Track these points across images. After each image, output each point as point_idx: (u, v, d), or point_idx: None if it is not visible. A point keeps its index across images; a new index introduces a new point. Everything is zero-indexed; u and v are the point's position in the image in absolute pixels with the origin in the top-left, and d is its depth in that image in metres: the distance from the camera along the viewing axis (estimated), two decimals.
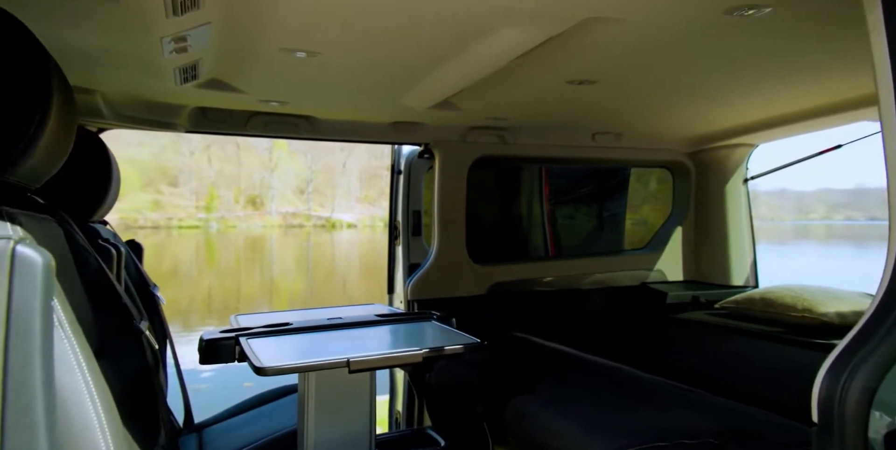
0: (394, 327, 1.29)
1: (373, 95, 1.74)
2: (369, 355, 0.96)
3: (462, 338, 1.16)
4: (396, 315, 1.41)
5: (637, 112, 1.99)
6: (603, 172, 2.87)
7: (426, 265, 2.28)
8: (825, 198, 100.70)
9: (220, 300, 14.77)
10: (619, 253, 2.72)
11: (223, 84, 1.53)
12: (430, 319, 1.38)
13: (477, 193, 2.71)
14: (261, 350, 1.01)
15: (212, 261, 27.64)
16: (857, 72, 1.45)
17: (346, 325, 1.25)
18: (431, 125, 2.24)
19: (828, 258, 22.22)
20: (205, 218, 58.40)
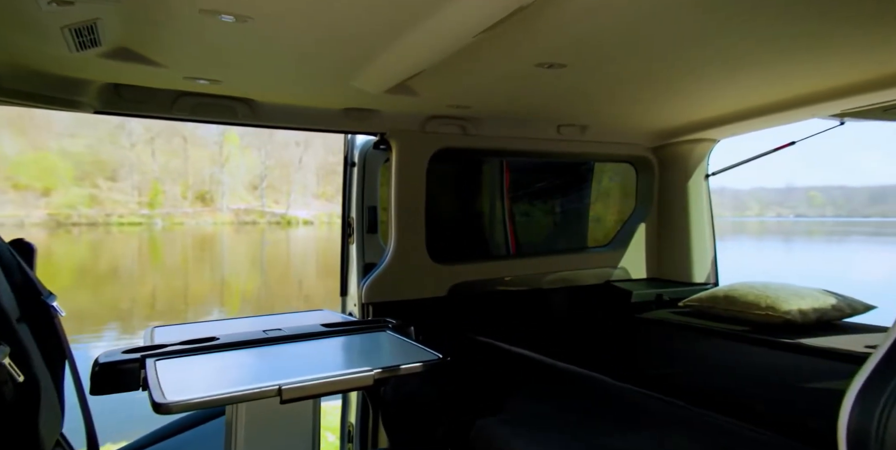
0: (342, 340, 1.12)
1: (320, 76, 1.54)
2: (307, 379, 0.79)
3: (421, 353, 1.00)
4: (346, 325, 1.23)
5: (605, 101, 1.90)
6: (566, 166, 2.79)
7: (382, 265, 2.11)
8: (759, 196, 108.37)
9: (166, 301, 13.95)
10: (582, 250, 2.66)
11: (136, 55, 1.28)
12: (384, 329, 1.21)
13: (437, 188, 2.56)
14: (170, 376, 0.81)
15: (157, 259, 26.13)
16: (818, 67, 1.45)
17: (285, 338, 1.07)
18: (388, 113, 2.06)
19: (761, 250, 23.82)
20: (149, 214, 54.98)
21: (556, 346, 1.78)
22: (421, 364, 0.93)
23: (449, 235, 2.59)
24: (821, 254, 24.70)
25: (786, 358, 1.46)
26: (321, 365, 0.93)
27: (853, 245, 30.32)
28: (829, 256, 23.25)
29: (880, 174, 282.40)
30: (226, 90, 1.68)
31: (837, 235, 40.28)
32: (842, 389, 1.15)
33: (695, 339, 1.78)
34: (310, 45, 1.26)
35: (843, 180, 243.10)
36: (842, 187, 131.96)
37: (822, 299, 1.81)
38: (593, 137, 2.40)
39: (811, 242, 32.61)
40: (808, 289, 1.89)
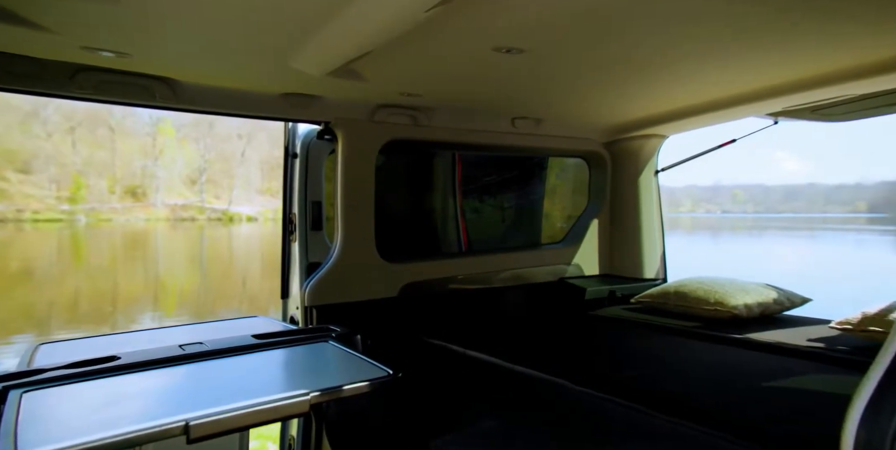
0: (276, 355, 0.96)
1: (253, 53, 1.36)
2: (224, 411, 0.64)
3: (368, 368, 0.88)
4: (281, 335, 1.08)
5: (561, 93, 1.85)
6: (520, 161, 2.74)
7: (328, 265, 1.95)
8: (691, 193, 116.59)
9: (92, 304, 12.81)
10: (536, 247, 2.62)
11: (15, 16, 1.05)
12: (327, 339, 1.07)
13: (386, 182, 2.43)
14: (40, 412, 0.63)
15: (79, 259, 23.99)
16: (760, 65, 1.48)
17: (205, 355, 0.90)
18: (333, 100, 1.89)
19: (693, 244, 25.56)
20: (70, 210, 49.94)
21: (512, 347, 1.71)
22: (367, 383, 0.80)
23: (399, 232, 2.47)
24: (743, 247, 26.88)
25: (739, 355, 1.48)
26: (246, 389, 0.78)
27: (769, 239, 33.30)
28: (750, 249, 25.35)
29: (792, 174, 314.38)
30: (138, 66, 1.45)
31: (757, 230, 44.07)
32: (799, 387, 1.19)
33: (651, 337, 1.78)
34: (237, 15, 1.09)
35: (761, 179, 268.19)
36: (760, 186, 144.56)
37: (765, 294, 1.87)
38: (548, 130, 2.36)
39: (735, 237, 35.43)
40: (752, 284, 1.94)
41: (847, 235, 36.17)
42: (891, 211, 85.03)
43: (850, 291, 8.91)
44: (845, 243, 29.65)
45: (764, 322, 1.82)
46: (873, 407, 0.49)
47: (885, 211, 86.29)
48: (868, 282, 12.75)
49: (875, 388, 0.50)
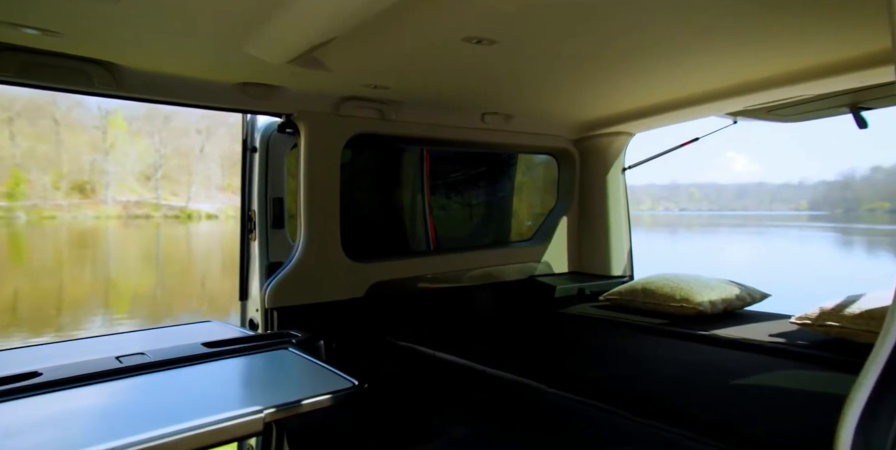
0: (229, 365, 0.88)
1: (204, 36, 1.25)
2: (162, 435, 0.55)
3: (331, 378, 0.81)
4: (235, 343, 0.99)
5: (532, 87, 1.82)
6: (489, 157, 2.71)
7: (290, 264, 1.86)
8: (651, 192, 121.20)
9: (34, 306, 11.96)
10: (506, 245, 2.60)
11: None
12: (286, 346, 0.99)
13: (352, 178, 2.35)
14: None
15: (19, 259, 22.38)
16: (730, 63, 1.50)
17: (146, 368, 0.80)
18: (294, 91, 1.79)
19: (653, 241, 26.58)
20: (7, 206, 46.41)
21: (482, 348, 1.67)
22: (330, 396, 0.73)
23: (366, 230, 2.39)
24: (699, 244, 28.15)
25: (708, 353, 1.50)
26: (191, 406, 0.69)
27: (723, 236, 35.10)
28: (705, 246, 26.58)
29: (743, 174, 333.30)
30: (70, 47, 1.31)
31: (711, 227, 46.33)
32: (769, 385, 1.21)
33: (621, 335, 1.78)
34: None
35: (715, 178, 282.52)
36: (714, 184, 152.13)
37: (728, 290, 1.91)
38: (517, 127, 2.33)
39: (691, 234, 37.10)
40: (715, 280, 1.99)
41: (791, 232, 38.57)
42: (828, 209, 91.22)
43: (794, 284, 9.47)
44: (790, 239, 31.57)
45: (727, 318, 1.86)
46: (870, 413, 0.48)
47: (824, 209, 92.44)
48: (811, 275, 13.69)
49: (870, 392, 0.48)
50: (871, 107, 2.01)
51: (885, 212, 79.85)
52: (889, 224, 49.54)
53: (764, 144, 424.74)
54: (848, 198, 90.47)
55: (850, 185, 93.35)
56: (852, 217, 73.27)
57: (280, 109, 1.84)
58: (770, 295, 2.00)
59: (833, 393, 1.12)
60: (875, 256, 22.15)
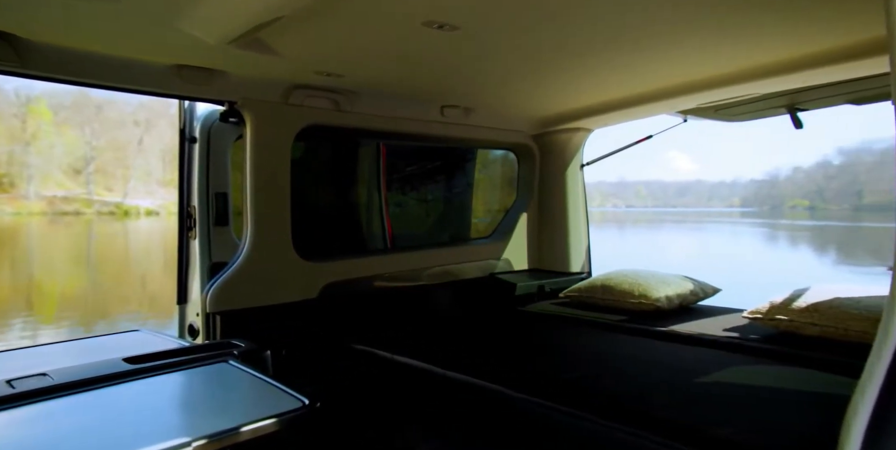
0: (154, 385, 0.75)
1: (129, 8, 1.10)
2: None
3: (277, 397, 0.71)
4: (164, 357, 0.86)
5: (492, 80, 1.78)
6: (448, 152, 2.65)
7: (236, 264, 1.71)
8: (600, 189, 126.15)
9: None
10: (465, 243, 2.55)
11: None
12: (227, 358, 0.88)
13: (304, 172, 2.21)
14: None
15: None
16: (686, 60, 1.53)
17: (47, 393, 0.67)
18: (239, 76, 1.65)
19: (604, 237, 27.66)
20: None
21: (444, 350, 1.61)
22: (275, 420, 0.63)
23: (319, 227, 2.26)
24: (645, 238, 29.66)
25: (667, 350, 1.52)
26: (99, 441, 0.57)
27: (665, 231, 37.22)
28: (650, 240, 28.03)
29: (684, 172, 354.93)
30: None
31: (656, 223, 48.97)
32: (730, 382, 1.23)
33: (584, 334, 1.78)
34: None
35: (660, 176, 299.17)
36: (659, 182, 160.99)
37: (683, 285, 1.96)
38: (477, 121, 2.28)
39: (637, 229, 39.02)
40: (671, 276, 2.03)
41: (725, 227, 41.45)
42: (757, 206, 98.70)
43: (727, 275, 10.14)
44: (724, 234, 33.91)
45: (683, 313, 1.90)
46: (876, 429, 0.45)
47: (754, 206, 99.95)
48: (743, 266, 14.82)
49: (873, 408, 0.46)
50: (806, 108, 2.12)
51: (804, 209, 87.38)
52: (808, 220, 54.37)
53: (702, 144, 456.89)
54: (774, 195, 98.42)
55: (776, 183, 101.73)
56: (777, 213, 79.76)
57: (222, 96, 1.68)
58: (721, 290, 2.07)
59: (790, 389, 1.15)
60: (796, 249, 24.26)
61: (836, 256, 21.36)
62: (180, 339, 1.41)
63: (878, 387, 0.49)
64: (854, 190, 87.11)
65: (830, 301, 1.41)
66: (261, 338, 1.72)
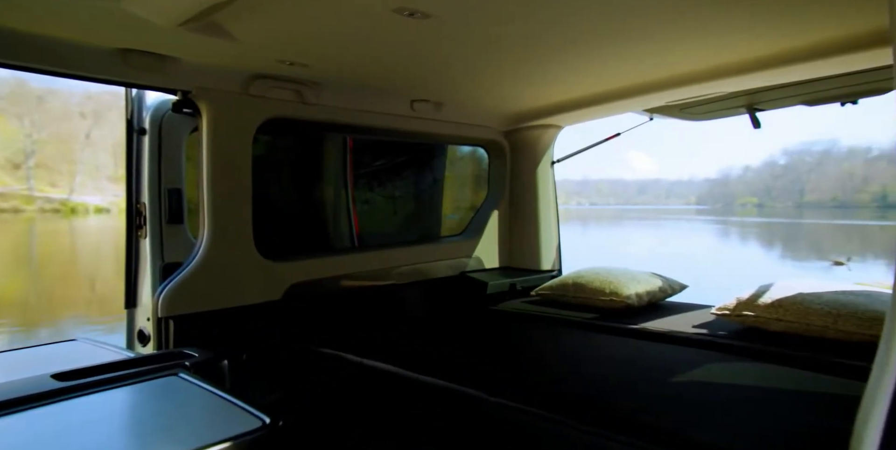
0: (88, 405, 0.66)
1: None
2: None
3: (235, 414, 0.64)
4: (103, 371, 0.76)
5: (463, 73, 1.73)
6: (418, 148, 2.59)
7: (192, 265, 1.60)
8: (565, 187, 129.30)
9: None
10: (436, 241, 2.50)
11: None
12: (177, 370, 0.79)
13: (266, 167, 2.11)
14: None
15: None
16: (655, 57, 1.54)
17: None
18: (192, 63, 1.53)
19: (568, 234, 28.34)
20: None
21: (415, 353, 1.56)
22: (230, 443, 0.56)
23: (283, 225, 2.16)
24: (608, 235, 30.64)
25: (640, 348, 1.52)
26: None
27: (627, 228, 38.63)
28: (613, 237, 28.98)
29: (643, 171, 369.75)
30: None
31: (618, 220, 50.68)
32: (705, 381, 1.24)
33: (557, 332, 1.76)
34: None
35: (621, 175, 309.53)
36: (620, 181, 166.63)
37: (652, 282, 1.98)
38: (448, 116, 2.23)
39: (600, 226, 40.26)
40: (641, 273, 2.05)
41: (682, 224, 43.41)
42: (711, 203, 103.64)
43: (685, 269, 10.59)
44: (682, 231, 35.50)
45: (653, 310, 1.93)
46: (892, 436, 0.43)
47: (708, 203, 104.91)
48: (700, 260, 15.57)
49: (887, 415, 0.44)
50: (763, 108, 2.20)
51: (753, 206, 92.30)
52: (757, 217, 57.61)
53: (661, 144, 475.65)
54: (726, 193, 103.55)
55: (728, 182, 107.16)
56: (729, 211, 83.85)
57: (174, 85, 1.56)
58: (688, 286, 2.11)
59: (763, 386, 1.17)
60: (746, 245, 25.70)
61: (782, 251, 22.79)
62: (126, 350, 1.29)
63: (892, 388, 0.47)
64: (797, 188, 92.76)
65: (794, 297, 1.45)
66: (219, 344, 1.62)
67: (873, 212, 61.46)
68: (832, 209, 73.18)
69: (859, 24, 1.29)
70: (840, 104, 2.05)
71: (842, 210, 71.16)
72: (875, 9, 1.20)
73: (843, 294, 1.41)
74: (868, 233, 31.76)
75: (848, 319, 1.32)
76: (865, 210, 67.84)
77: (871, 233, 31.76)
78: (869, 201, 74.67)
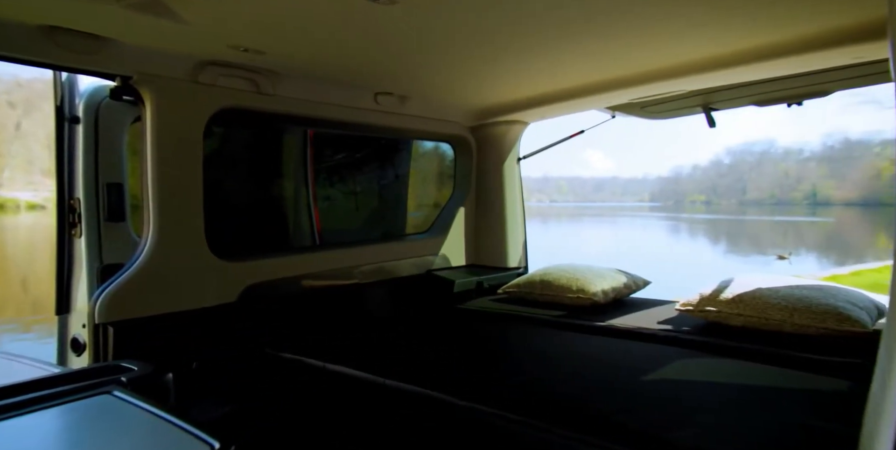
0: (2, 431, 0.57)
1: None
2: None
3: (176, 440, 0.56)
4: (20, 391, 0.66)
5: (429, 66, 1.68)
6: (383, 143, 2.51)
7: (135, 266, 1.48)
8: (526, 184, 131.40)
9: None
10: (401, 238, 2.44)
11: None
12: (111, 387, 0.70)
13: (221, 162, 1.98)
14: None
15: None
16: (618, 54, 1.55)
17: None
18: (134, 46, 1.39)
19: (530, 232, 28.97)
20: None
21: (381, 356, 1.50)
22: None
23: (239, 223, 2.04)
24: (568, 231, 31.52)
25: (608, 346, 1.53)
26: None
27: (586, 224, 39.90)
28: (573, 233, 29.84)
29: (601, 169, 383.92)
30: None
31: (577, 217, 52.22)
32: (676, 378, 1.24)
33: (525, 331, 1.75)
34: None
35: (579, 173, 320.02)
36: (578, 178, 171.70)
37: (617, 279, 2.00)
38: (413, 110, 2.17)
39: (560, 223, 41.34)
40: (606, 269, 2.08)
41: (637, 221, 45.30)
42: (663, 201, 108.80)
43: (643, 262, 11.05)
44: (637, 227, 37.03)
45: (618, 306, 1.95)
46: None
47: (660, 201, 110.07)
48: (654, 254, 16.31)
49: None
50: (718, 108, 2.28)
51: (701, 203, 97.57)
52: (704, 214, 60.97)
53: (617, 143, 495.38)
54: (677, 191, 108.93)
55: (679, 180, 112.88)
56: (680, 208, 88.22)
57: (113, 70, 1.42)
58: (651, 282, 2.16)
59: (731, 383, 1.19)
60: (695, 240, 27.13)
61: (726, 246, 24.22)
62: (52, 364, 1.15)
63: None
64: (740, 187, 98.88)
65: (753, 292, 1.50)
66: (167, 352, 1.49)
67: (805, 209, 66.59)
68: (771, 206, 78.62)
69: (809, 26, 1.34)
70: (787, 105, 2.16)
71: (779, 207, 76.59)
72: (822, 12, 1.26)
73: (797, 289, 1.47)
74: (800, 229, 34.31)
75: (803, 313, 1.37)
76: (798, 207, 73.38)
77: (803, 229, 34.34)
78: (801, 199, 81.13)
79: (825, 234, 30.02)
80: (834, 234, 30.01)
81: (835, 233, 30.63)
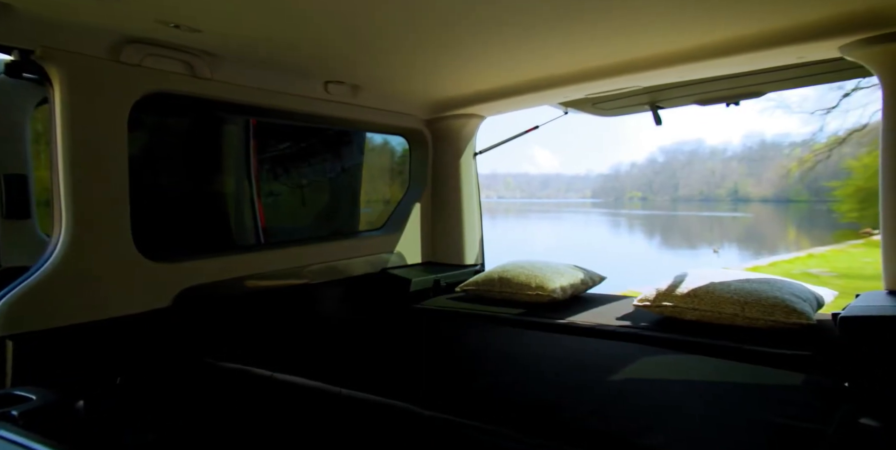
0: None
1: None
2: None
3: None
4: None
5: (383, 52, 1.59)
6: (334, 135, 2.38)
7: (44, 269, 1.28)
8: None
9: None
10: (353, 236, 2.32)
11: None
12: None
13: (151, 152, 1.79)
14: None
15: None
16: (575, 48, 1.54)
17: None
18: (37, 14, 1.20)
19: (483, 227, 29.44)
20: None
21: (335, 362, 1.40)
22: None
23: (172, 220, 1.85)
24: (515, 226, 32.29)
25: (570, 344, 1.52)
26: None
27: (532, 220, 41.10)
28: (521, 229, 30.61)
29: (546, 166, 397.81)
30: None
31: (523, 213, 53.63)
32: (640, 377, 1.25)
33: (485, 331, 1.70)
34: None
35: (526, 169, 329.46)
36: (525, 175, 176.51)
37: (575, 275, 2.01)
38: (365, 101, 2.06)
39: (508, 219, 42.27)
40: (563, 265, 2.08)
41: (580, 216, 47.24)
42: (604, 197, 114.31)
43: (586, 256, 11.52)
44: (579, 223, 38.62)
45: (576, 303, 1.95)
46: None
47: (601, 197, 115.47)
48: (598, 249, 17.08)
49: None
50: (663, 106, 2.35)
51: (638, 199, 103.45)
52: (641, 210, 64.80)
53: (562, 140, 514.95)
54: (617, 188, 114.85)
55: (618, 177, 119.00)
56: (619, 204, 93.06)
57: (6, 41, 1.21)
58: (606, 277, 2.19)
59: (694, 380, 1.20)
60: (633, 235, 28.74)
61: (661, 240, 25.83)
62: None
63: None
64: (672, 183, 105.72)
65: (707, 286, 1.54)
66: (85, 367, 1.31)
67: (728, 205, 72.60)
68: (699, 202, 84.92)
69: (760, 25, 1.38)
70: (725, 105, 2.26)
71: (706, 203, 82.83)
72: (770, 12, 1.30)
73: (747, 282, 1.53)
74: (724, 223, 37.25)
75: (754, 306, 1.42)
76: (723, 203, 79.85)
77: (726, 223, 37.30)
78: (725, 196, 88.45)
79: (745, 228, 32.78)
80: (752, 228, 32.83)
81: (753, 227, 33.52)
